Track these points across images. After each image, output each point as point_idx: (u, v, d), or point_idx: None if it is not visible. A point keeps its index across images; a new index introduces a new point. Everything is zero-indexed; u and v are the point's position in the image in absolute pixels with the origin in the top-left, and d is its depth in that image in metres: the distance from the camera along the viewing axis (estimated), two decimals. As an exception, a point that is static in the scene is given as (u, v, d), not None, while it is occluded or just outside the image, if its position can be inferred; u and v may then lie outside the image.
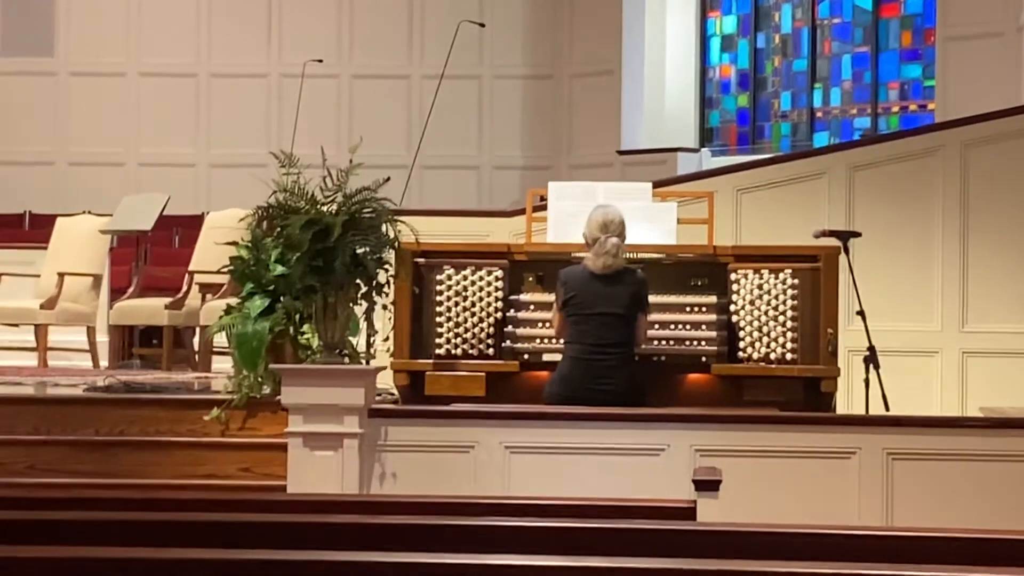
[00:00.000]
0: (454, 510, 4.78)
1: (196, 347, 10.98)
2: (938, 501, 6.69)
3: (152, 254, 12.85)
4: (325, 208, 7.02)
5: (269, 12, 16.37)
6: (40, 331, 11.07)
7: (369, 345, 7.34)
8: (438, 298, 7.93)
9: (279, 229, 7.12)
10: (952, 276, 9.55)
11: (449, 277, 7.96)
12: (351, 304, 7.07)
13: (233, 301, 7.89)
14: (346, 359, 7.11)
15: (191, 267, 10.96)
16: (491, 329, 7.93)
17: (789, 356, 7.74)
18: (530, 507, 4.91)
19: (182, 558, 3.85)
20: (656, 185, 8.72)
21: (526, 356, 7.88)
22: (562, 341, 7.65)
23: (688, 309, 7.86)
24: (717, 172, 10.52)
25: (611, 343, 7.51)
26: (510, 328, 7.90)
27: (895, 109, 15.08)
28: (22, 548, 3.98)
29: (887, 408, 7.91)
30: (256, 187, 8.04)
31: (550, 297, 7.81)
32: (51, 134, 16.25)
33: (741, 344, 7.81)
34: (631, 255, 7.80)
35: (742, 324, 7.82)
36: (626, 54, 15.84)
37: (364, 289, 7.10)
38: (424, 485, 6.70)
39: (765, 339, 7.78)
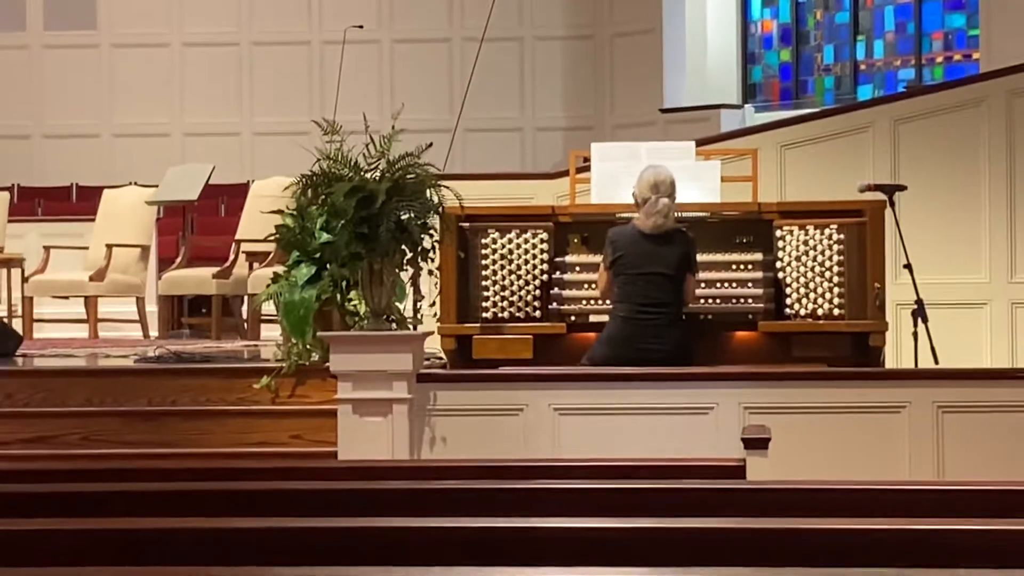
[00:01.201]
0: (504, 473, 4.79)
1: (245, 316, 11.03)
2: (990, 454, 6.66)
3: (198, 224, 12.89)
4: (369, 175, 7.02)
5: (309, -21, 16.37)
6: (90, 303, 11.14)
7: (416, 310, 7.36)
8: (484, 262, 7.94)
9: (323, 197, 7.13)
10: (999, 227, 9.49)
11: (494, 240, 7.96)
12: (397, 270, 7.08)
13: (280, 269, 7.92)
14: (393, 325, 7.13)
15: (237, 236, 10.99)
16: (537, 291, 7.93)
17: (836, 311, 7.71)
18: (580, 468, 4.93)
19: (236, 527, 3.88)
20: (699, 143, 8.69)
21: (573, 318, 7.89)
22: (609, 302, 7.65)
23: (734, 267, 7.85)
24: (760, 128, 10.48)
25: (659, 303, 7.51)
26: (556, 290, 7.90)
27: (939, 59, 14.95)
28: (77, 520, 4.02)
29: (936, 361, 7.88)
30: (300, 155, 8.04)
31: (596, 258, 7.80)
32: (96, 106, 16.32)
33: (788, 300, 7.79)
34: (676, 214, 7.78)
35: (788, 280, 7.79)
36: (667, 11, 15.75)
37: (409, 255, 7.09)
38: (474, 448, 6.72)
39: (812, 295, 7.75)
